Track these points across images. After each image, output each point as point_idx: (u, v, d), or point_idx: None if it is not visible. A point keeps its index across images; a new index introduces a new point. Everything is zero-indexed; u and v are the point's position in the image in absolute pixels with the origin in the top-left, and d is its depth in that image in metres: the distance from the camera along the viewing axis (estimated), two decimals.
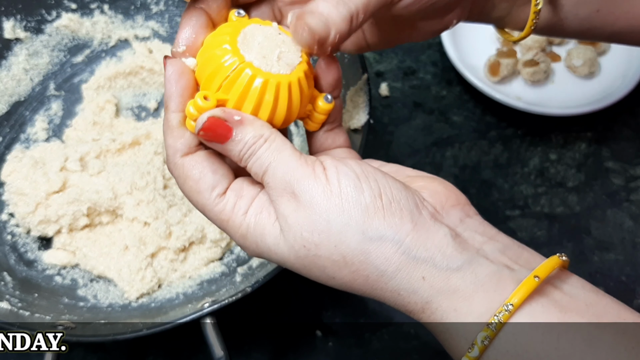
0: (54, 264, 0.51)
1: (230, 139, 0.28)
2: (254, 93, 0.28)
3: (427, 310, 0.27)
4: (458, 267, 0.27)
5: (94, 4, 0.58)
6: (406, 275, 0.27)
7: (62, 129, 0.57)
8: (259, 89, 0.28)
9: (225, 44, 0.29)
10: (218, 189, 0.29)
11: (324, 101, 0.31)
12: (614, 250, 0.54)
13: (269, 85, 0.28)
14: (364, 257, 0.27)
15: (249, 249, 0.29)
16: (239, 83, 0.28)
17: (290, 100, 0.29)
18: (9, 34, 0.55)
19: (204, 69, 0.29)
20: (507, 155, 0.59)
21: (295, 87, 0.29)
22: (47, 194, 0.50)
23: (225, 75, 0.28)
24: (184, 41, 0.30)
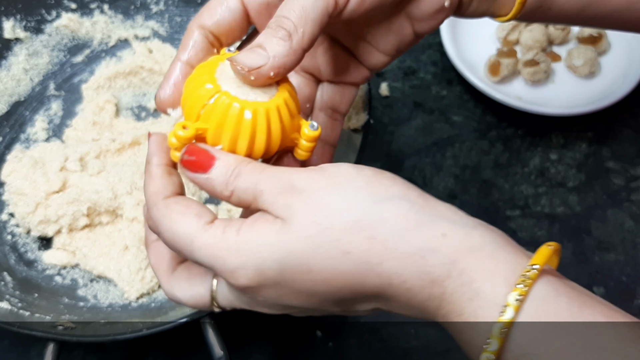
0: (54, 264, 0.51)
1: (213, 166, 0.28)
2: (231, 119, 0.29)
3: (454, 272, 0.25)
4: (474, 226, 0.26)
5: (93, 4, 0.58)
6: (425, 232, 0.25)
7: (62, 129, 0.57)
8: (236, 115, 0.29)
9: (204, 76, 0.29)
10: (205, 218, 0.28)
11: (309, 129, 0.31)
12: (614, 251, 0.54)
13: (245, 111, 0.29)
14: (378, 216, 0.26)
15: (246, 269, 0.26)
16: (216, 111, 0.29)
17: (269, 127, 0.29)
18: (9, 34, 0.55)
19: (185, 103, 0.30)
20: (508, 155, 0.59)
21: (274, 114, 0.29)
22: (47, 194, 0.50)
23: (202, 104, 0.29)
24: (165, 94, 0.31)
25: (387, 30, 0.34)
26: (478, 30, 0.64)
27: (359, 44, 0.35)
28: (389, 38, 0.35)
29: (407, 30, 0.34)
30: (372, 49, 0.35)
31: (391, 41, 0.35)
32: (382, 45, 0.35)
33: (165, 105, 0.31)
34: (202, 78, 0.29)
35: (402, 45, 0.35)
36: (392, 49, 0.35)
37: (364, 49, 0.35)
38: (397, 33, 0.34)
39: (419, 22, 0.34)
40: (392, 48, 0.35)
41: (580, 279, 0.53)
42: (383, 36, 0.35)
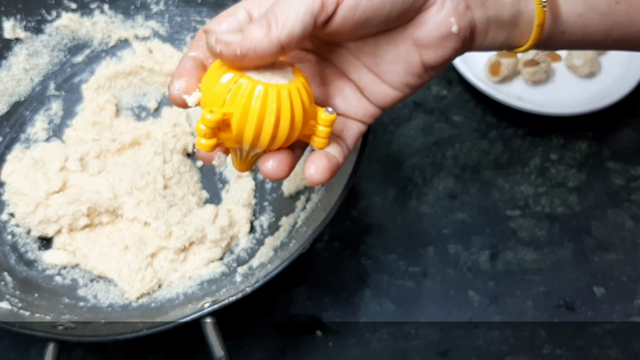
0: (54, 264, 0.51)
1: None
2: (256, 101, 0.29)
3: None
4: None
5: (94, 4, 0.58)
6: None
7: (62, 129, 0.57)
8: (261, 96, 0.29)
9: (224, 66, 0.30)
10: None
11: (326, 113, 0.32)
12: (614, 251, 0.54)
13: (269, 92, 0.29)
14: None
15: None
16: (241, 94, 0.29)
17: (292, 108, 0.30)
18: (9, 34, 0.55)
19: (207, 94, 0.30)
20: (508, 155, 0.59)
21: (296, 95, 0.30)
22: (47, 194, 0.50)
23: (227, 90, 0.30)
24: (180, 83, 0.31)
25: (395, 59, 0.33)
26: None
27: (365, 76, 0.34)
28: (396, 68, 0.33)
29: (414, 58, 0.33)
30: (379, 81, 0.34)
31: (398, 71, 0.33)
32: (389, 77, 0.34)
33: (180, 93, 0.31)
34: (222, 69, 0.30)
35: (410, 78, 0.34)
36: (400, 80, 0.34)
37: (370, 80, 0.34)
38: (404, 62, 0.33)
39: (426, 48, 0.32)
40: (400, 80, 0.34)
41: (581, 279, 0.53)
42: (390, 65, 0.33)
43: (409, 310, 0.51)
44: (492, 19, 0.33)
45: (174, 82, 0.31)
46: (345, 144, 0.35)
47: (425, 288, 0.52)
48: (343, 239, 0.54)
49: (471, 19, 0.33)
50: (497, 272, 0.53)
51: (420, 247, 0.54)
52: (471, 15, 0.33)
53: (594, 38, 0.36)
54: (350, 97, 0.35)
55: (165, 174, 0.52)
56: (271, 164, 0.32)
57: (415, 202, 0.56)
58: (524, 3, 0.34)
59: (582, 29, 0.35)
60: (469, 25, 0.33)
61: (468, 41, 0.33)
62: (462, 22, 0.32)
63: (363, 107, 0.35)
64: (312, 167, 0.33)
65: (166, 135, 0.55)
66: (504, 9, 0.33)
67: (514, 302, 0.51)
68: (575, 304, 0.52)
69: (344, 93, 0.35)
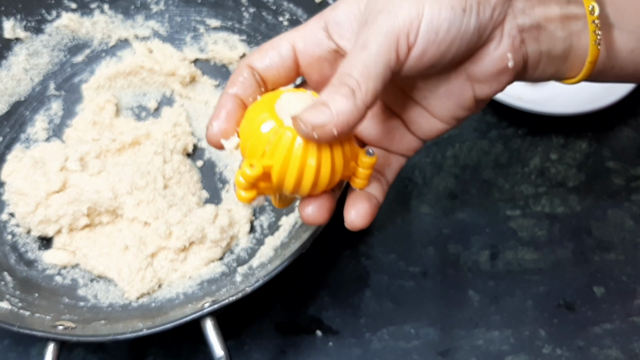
0: (54, 263, 0.51)
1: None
2: (297, 153, 0.29)
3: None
4: None
5: (94, 4, 0.58)
6: None
7: (62, 128, 0.57)
8: (301, 148, 0.29)
9: (264, 113, 0.29)
10: None
11: (367, 156, 0.31)
12: (614, 250, 0.54)
13: (310, 144, 0.29)
14: None
15: None
16: (281, 146, 0.29)
17: (332, 158, 0.29)
18: (9, 34, 0.55)
19: (246, 141, 0.30)
20: (508, 155, 0.59)
21: (336, 144, 0.29)
22: (47, 193, 0.50)
23: (267, 141, 0.29)
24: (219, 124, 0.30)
25: (446, 93, 0.32)
26: None
27: (412, 109, 0.33)
28: (447, 102, 0.32)
29: (467, 93, 0.32)
30: (427, 115, 0.33)
31: (449, 105, 0.32)
32: (438, 110, 0.33)
33: (218, 137, 0.31)
34: (263, 115, 0.29)
35: (460, 112, 0.33)
36: (449, 114, 0.33)
37: (417, 114, 0.33)
38: (456, 96, 0.32)
39: (480, 83, 0.32)
40: (449, 113, 0.33)
41: (581, 279, 0.53)
42: (441, 99, 0.32)
43: (409, 310, 0.51)
44: (544, 52, 0.32)
45: (213, 122, 0.31)
46: (385, 179, 0.34)
47: (425, 288, 0.52)
48: (343, 239, 0.54)
49: (525, 53, 0.32)
50: (497, 272, 0.53)
51: (420, 247, 0.54)
52: (525, 49, 0.32)
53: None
54: (394, 131, 0.34)
55: (165, 174, 0.52)
56: (311, 210, 0.32)
57: (415, 201, 0.56)
58: (576, 38, 0.33)
59: (633, 64, 0.34)
60: (522, 59, 0.32)
61: (520, 73, 0.33)
62: (517, 57, 0.31)
63: (407, 142, 0.35)
64: (352, 212, 0.32)
65: (166, 135, 0.55)
66: (557, 44, 0.32)
67: (514, 302, 0.51)
68: (575, 303, 0.52)
69: (386, 126, 0.34)
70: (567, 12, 0.32)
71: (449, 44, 0.29)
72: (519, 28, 0.31)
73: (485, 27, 0.30)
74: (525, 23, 0.31)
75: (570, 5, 0.32)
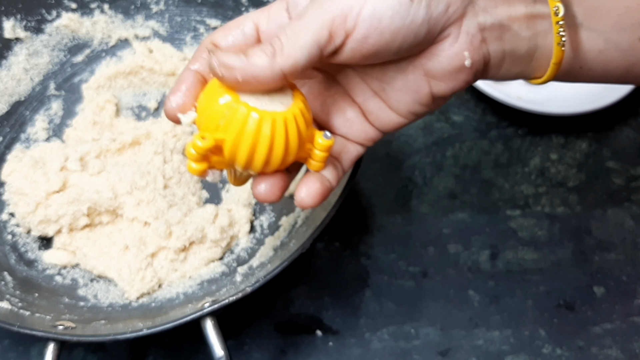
0: (54, 263, 0.51)
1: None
2: (250, 130, 0.29)
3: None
4: None
5: (94, 4, 0.58)
6: None
7: (62, 128, 0.57)
8: (255, 125, 0.29)
9: (221, 88, 0.30)
10: None
11: (323, 138, 0.31)
12: (614, 250, 0.54)
13: (264, 121, 0.29)
14: None
15: None
16: (235, 121, 0.29)
17: (287, 136, 0.30)
18: (9, 34, 0.56)
19: (202, 115, 0.30)
20: (508, 154, 0.59)
21: (292, 123, 0.30)
22: (47, 193, 0.50)
23: (221, 115, 0.29)
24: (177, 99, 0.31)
25: (403, 87, 0.32)
26: None
27: (371, 100, 0.34)
28: (404, 95, 0.32)
29: (424, 89, 0.32)
30: (385, 107, 0.33)
31: (406, 99, 0.33)
32: (396, 103, 0.33)
33: (175, 111, 0.31)
34: (220, 90, 0.30)
35: (417, 107, 0.33)
36: (406, 108, 0.33)
37: (375, 105, 0.34)
38: (413, 91, 0.32)
39: (437, 80, 0.32)
40: (406, 108, 0.33)
41: (581, 279, 0.53)
42: (398, 92, 0.32)
43: (409, 310, 0.51)
44: (507, 52, 0.32)
45: (171, 97, 0.31)
46: (341, 166, 0.34)
47: (425, 288, 0.52)
48: (343, 239, 0.54)
49: (486, 52, 0.31)
50: (497, 272, 0.53)
51: (420, 246, 0.54)
52: (486, 48, 0.31)
53: (614, 74, 0.35)
54: (353, 119, 0.34)
55: (166, 174, 0.53)
56: (263, 187, 0.32)
57: (415, 201, 0.56)
58: (542, 37, 0.32)
59: (602, 65, 0.34)
60: (483, 59, 0.31)
61: (481, 73, 0.32)
62: (476, 56, 0.31)
63: (364, 131, 0.35)
64: (304, 190, 0.32)
65: (166, 135, 0.55)
66: (521, 44, 0.32)
67: (514, 302, 0.52)
68: (575, 303, 0.52)
69: (346, 115, 0.34)
70: (533, 11, 0.32)
71: (393, 33, 0.29)
72: (480, 27, 0.31)
73: (437, 22, 0.30)
74: (486, 22, 0.31)
75: (537, 4, 0.32)
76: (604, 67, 0.34)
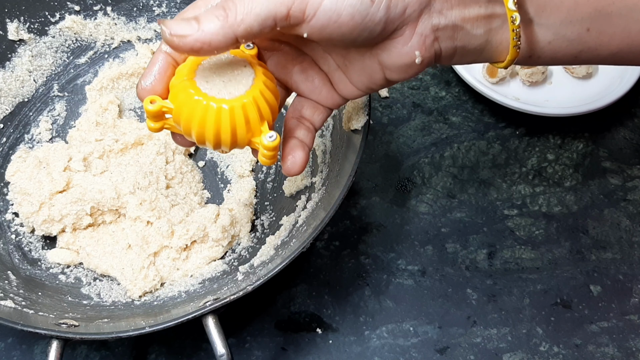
0: (58, 262, 0.51)
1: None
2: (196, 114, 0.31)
3: None
4: None
5: (97, 6, 0.58)
6: None
7: (65, 129, 0.58)
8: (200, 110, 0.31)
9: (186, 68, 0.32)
10: None
11: (268, 139, 0.32)
12: (611, 249, 0.55)
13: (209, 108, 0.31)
14: None
15: None
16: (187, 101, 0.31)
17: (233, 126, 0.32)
18: (13, 36, 0.56)
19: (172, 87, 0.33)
20: (505, 155, 0.60)
21: (239, 113, 0.31)
22: (51, 193, 0.50)
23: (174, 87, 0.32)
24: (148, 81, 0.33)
25: (361, 69, 0.34)
26: None
27: (335, 72, 0.36)
28: (361, 76, 0.35)
29: (378, 74, 0.34)
30: (346, 80, 0.36)
31: (363, 79, 0.35)
32: (355, 80, 0.35)
33: (146, 93, 0.32)
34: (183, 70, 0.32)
35: (374, 86, 0.35)
36: (364, 85, 0.35)
37: (339, 77, 0.36)
38: (369, 74, 0.35)
39: (390, 71, 0.34)
40: (364, 85, 0.35)
41: (577, 278, 0.53)
42: (356, 72, 0.35)
43: (408, 308, 0.52)
44: (459, 48, 0.34)
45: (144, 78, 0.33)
46: (313, 127, 0.37)
47: (423, 286, 0.53)
48: (343, 238, 0.55)
49: (437, 49, 0.33)
50: (494, 271, 0.53)
51: (419, 246, 0.55)
52: (438, 46, 0.33)
53: (563, 60, 0.37)
54: (320, 86, 0.37)
55: (168, 174, 0.53)
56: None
57: (414, 201, 0.57)
58: (493, 33, 0.34)
59: (551, 54, 0.36)
60: (433, 55, 0.33)
61: (431, 64, 0.34)
62: (427, 54, 0.33)
63: (331, 97, 0.37)
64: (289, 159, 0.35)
65: (168, 136, 0.55)
66: (473, 40, 0.34)
67: (512, 300, 0.52)
68: (572, 302, 0.52)
69: (314, 82, 0.36)
70: (487, 12, 0.34)
71: (351, 28, 0.30)
72: (433, 27, 0.32)
73: (393, 21, 0.31)
74: (440, 23, 0.32)
75: (490, 4, 0.34)
76: (552, 55, 0.36)
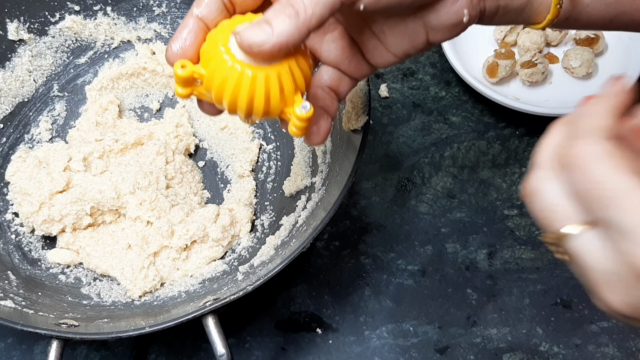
0: (58, 262, 0.51)
1: None
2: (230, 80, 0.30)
3: None
4: None
5: (97, 6, 0.58)
6: None
7: (65, 129, 0.58)
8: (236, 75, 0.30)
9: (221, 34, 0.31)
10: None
11: (301, 110, 0.31)
12: None
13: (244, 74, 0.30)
14: None
15: None
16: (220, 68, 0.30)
17: (267, 93, 0.30)
18: (13, 36, 0.56)
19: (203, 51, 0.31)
20: (505, 155, 0.60)
21: (274, 81, 0.30)
22: (51, 193, 0.50)
23: (205, 52, 0.31)
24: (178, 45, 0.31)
25: (403, 33, 0.34)
26: (476, 33, 0.64)
27: (370, 40, 0.35)
28: (401, 41, 0.34)
29: (421, 37, 0.34)
30: (382, 48, 0.35)
31: (403, 44, 0.35)
32: (393, 46, 0.35)
33: (176, 57, 0.31)
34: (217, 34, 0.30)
35: (413, 50, 0.35)
36: (402, 51, 0.35)
37: (374, 45, 0.35)
38: (411, 37, 0.34)
39: (435, 32, 0.34)
40: (402, 51, 0.35)
41: (577, 277, 0.53)
42: (397, 37, 0.34)
43: (408, 308, 0.52)
44: (502, 6, 0.35)
45: (173, 42, 0.31)
46: (338, 97, 0.37)
47: (423, 286, 0.53)
48: (343, 238, 0.55)
49: (482, 8, 0.34)
50: (494, 271, 0.53)
51: (419, 246, 0.55)
52: (483, 5, 0.34)
53: (598, 24, 0.38)
54: (350, 56, 0.36)
55: (168, 174, 0.53)
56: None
57: (413, 201, 0.57)
58: None
59: (587, 16, 0.37)
60: (478, 13, 0.34)
61: (473, 23, 0.35)
62: (474, 12, 0.33)
63: (360, 67, 0.37)
64: (315, 129, 0.35)
65: (168, 136, 0.55)
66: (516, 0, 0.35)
67: (512, 300, 0.52)
68: (572, 302, 0.52)
69: (345, 52, 0.36)
70: None
71: None
72: None
73: None
74: None
75: None
76: (588, 17, 0.37)
